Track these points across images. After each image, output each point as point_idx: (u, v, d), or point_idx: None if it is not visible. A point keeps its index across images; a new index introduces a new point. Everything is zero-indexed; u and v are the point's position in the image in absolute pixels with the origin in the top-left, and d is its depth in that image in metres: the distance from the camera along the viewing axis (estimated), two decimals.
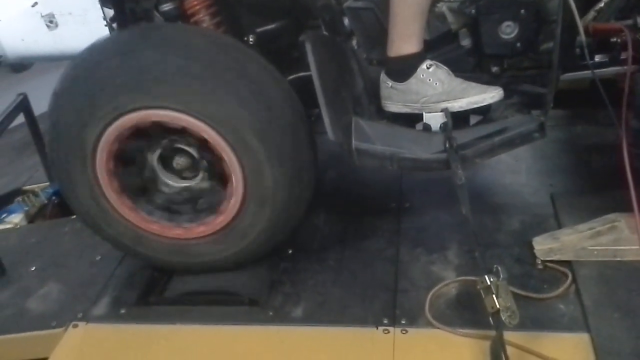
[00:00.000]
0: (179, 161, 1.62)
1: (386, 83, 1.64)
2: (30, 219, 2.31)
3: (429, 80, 1.58)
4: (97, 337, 1.59)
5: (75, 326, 1.62)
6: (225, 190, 1.57)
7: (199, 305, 1.62)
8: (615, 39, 1.58)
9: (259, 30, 1.77)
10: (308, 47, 1.49)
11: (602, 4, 1.59)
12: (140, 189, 1.65)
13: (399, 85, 1.61)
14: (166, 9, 1.70)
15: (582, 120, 2.21)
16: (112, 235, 1.69)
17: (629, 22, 1.56)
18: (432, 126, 1.61)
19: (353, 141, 1.53)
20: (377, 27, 1.69)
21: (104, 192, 1.59)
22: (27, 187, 2.49)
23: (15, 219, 2.27)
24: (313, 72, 1.47)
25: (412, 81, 1.59)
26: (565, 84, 1.72)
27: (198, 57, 1.49)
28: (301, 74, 1.68)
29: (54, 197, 2.34)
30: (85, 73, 1.52)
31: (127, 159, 1.60)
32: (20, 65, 4.09)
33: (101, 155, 1.54)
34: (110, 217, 1.64)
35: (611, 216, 1.58)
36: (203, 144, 1.53)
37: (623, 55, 1.58)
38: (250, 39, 1.77)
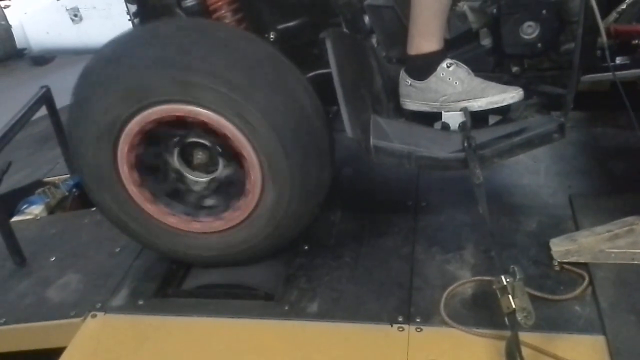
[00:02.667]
0: (198, 156, 1.63)
1: (405, 81, 1.64)
2: (51, 210, 2.33)
3: (449, 79, 1.58)
4: (115, 327, 1.61)
5: (94, 316, 1.64)
6: (244, 182, 1.58)
7: (216, 299, 1.64)
8: (637, 41, 1.57)
9: (279, 27, 1.78)
10: (328, 44, 1.49)
11: (624, 6, 1.58)
12: (170, 194, 1.66)
13: (419, 84, 1.61)
14: (189, 4, 1.72)
15: (602, 122, 2.19)
16: (138, 232, 1.71)
17: None
18: (450, 125, 1.61)
19: (371, 138, 1.53)
20: (397, 25, 1.69)
21: (129, 192, 1.61)
22: (48, 179, 2.53)
23: (36, 210, 2.30)
24: (333, 69, 1.48)
25: (432, 79, 1.59)
26: (586, 85, 1.71)
27: (219, 53, 1.50)
28: (321, 71, 1.68)
29: (74, 189, 2.37)
30: (107, 66, 1.54)
31: (149, 167, 1.61)
32: (42, 59, 4.13)
33: (122, 152, 1.56)
34: (135, 214, 1.65)
35: (629, 219, 1.57)
36: (220, 138, 1.54)
37: None
38: (271, 36, 1.78)
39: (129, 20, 1.80)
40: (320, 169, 1.60)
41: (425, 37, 1.57)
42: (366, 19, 1.76)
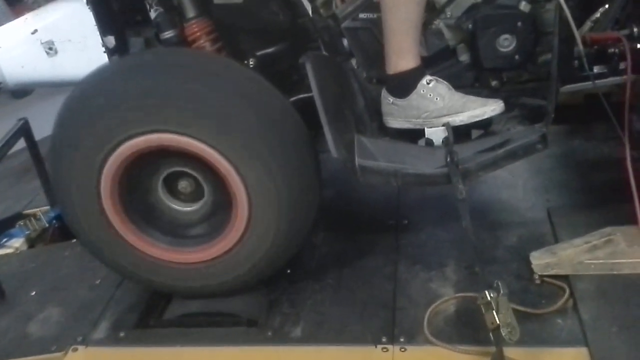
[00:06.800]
0: (183, 185, 1.63)
1: (387, 99, 1.65)
2: (31, 243, 2.31)
3: (430, 95, 1.59)
4: None
5: (75, 350, 1.61)
6: (231, 210, 1.57)
7: (198, 327, 1.63)
8: (612, 50, 1.58)
9: (259, 53, 1.79)
10: (308, 68, 1.50)
11: (598, 14, 1.61)
12: (148, 216, 1.65)
13: (400, 101, 1.62)
14: (167, 36, 1.73)
15: (577, 135, 2.22)
16: (121, 264, 1.68)
17: (626, 31, 1.58)
18: (434, 141, 1.61)
19: (356, 158, 1.53)
20: (375, 46, 1.71)
21: (112, 224, 1.60)
22: (28, 211, 2.50)
23: (16, 243, 2.27)
24: (314, 91, 1.48)
25: (413, 97, 1.60)
26: (560, 98, 1.73)
27: (203, 80, 1.50)
28: (302, 95, 1.69)
29: (54, 221, 2.34)
30: (89, 97, 1.54)
31: (133, 198, 1.61)
32: (20, 92, 4.11)
33: (105, 183, 1.54)
34: (119, 246, 1.63)
35: (607, 230, 1.59)
36: (205, 166, 1.54)
37: (622, 65, 1.58)
38: (251, 62, 1.79)
39: (104, 52, 1.80)
40: (308, 191, 1.59)
41: (401, 56, 1.58)
42: (344, 41, 1.78)
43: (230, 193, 1.53)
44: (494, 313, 1.30)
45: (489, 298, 1.32)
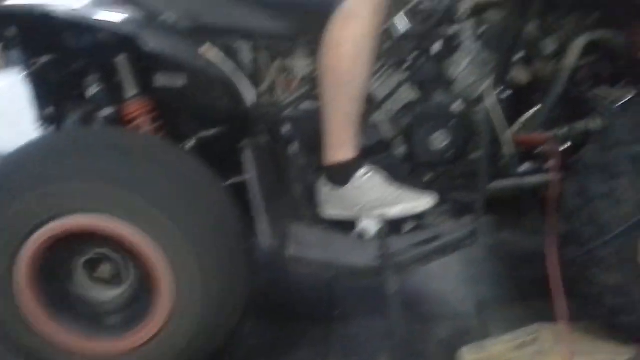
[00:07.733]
0: (103, 270, 1.55)
1: (324, 189, 1.66)
2: None
3: (365, 187, 1.60)
4: None
5: None
6: (154, 296, 1.49)
7: None
8: (540, 149, 1.66)
9: (198, 135, 1.79)
10: (247, 154, 1.51)
11: (527, 116, 1.68)
12: (65, 303, 1.56)
13: (336, 192, 1.63)
14: (105, 113, 1.71)
15: (508, 227, 2.27)
16: (32, 354, 1.57)
17: (554, 132, 1.64)
18: (368, 233, 1.62)
19: (289, 248, 1.52)
20: (315, 135, 1.73)
21: (24, 310, 1.50)
22: None
23: None
24: (251, 178, 1.49)
25: (349, 187, 1.61)
26: (492, 191, 1.79)
27: (130, 161, 1.47)
28: (238, 179, 1.68)
29: None
30: (7, 176, 1.48)
31: (46, 270, 1.51)
32: None
33: (19, 267, 1.46)
34: (28, 331, 1.52)
35: (534, 326, 1.60)
36: (128, 251, 1.48)
37: (548, 165, 1.63)
38: (190, 144, 1.78)
39: (40, 127, 1.76)
40: (236, 280, 1.54)
41: (339, 147, 1.61)
42: (286, 128, 1.80)
43: (153, 280, 1.47)
44: None
45: None
